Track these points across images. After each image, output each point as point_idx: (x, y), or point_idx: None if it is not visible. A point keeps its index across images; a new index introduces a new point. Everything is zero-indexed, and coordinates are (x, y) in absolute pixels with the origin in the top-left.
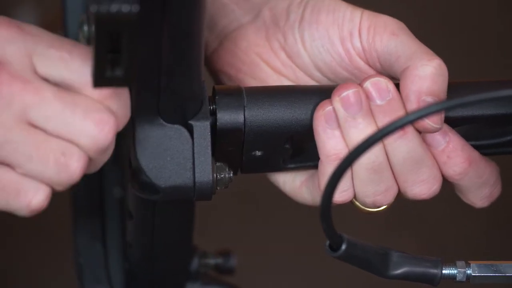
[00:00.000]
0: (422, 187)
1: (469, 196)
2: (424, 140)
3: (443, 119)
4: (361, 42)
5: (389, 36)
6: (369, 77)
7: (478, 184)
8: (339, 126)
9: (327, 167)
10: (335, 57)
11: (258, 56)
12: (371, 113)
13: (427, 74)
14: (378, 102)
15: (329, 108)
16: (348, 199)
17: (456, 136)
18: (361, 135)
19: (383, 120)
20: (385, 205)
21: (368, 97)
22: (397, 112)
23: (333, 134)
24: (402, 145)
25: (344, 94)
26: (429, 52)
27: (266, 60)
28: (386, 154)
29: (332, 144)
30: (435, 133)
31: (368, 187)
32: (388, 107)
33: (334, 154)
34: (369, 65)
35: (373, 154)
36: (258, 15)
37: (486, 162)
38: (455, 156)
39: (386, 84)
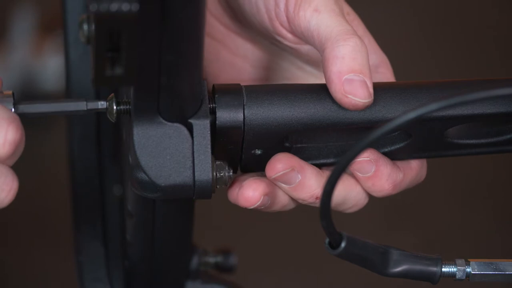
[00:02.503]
0: (349, 210)
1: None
2: (351, 167)
3: (371, 92)
4: (286, 15)
5: (311, 13)
6: None
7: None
8: None
9: None
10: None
11: None
12: None
13: (345, 53)
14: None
15: None
16: None
17: (383, 166)
18: None
19: None
20: None
21: None
22: None
23: None
24: None
25: None
26: (347, 31)
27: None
28: None
29: None
30: (363, 162)
31: None
32: None
33: None
34: (294, 36)
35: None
36: None
37: (411, 177)
38: (380, 184)
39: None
